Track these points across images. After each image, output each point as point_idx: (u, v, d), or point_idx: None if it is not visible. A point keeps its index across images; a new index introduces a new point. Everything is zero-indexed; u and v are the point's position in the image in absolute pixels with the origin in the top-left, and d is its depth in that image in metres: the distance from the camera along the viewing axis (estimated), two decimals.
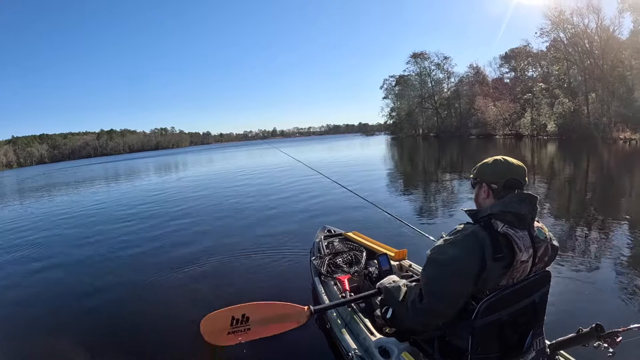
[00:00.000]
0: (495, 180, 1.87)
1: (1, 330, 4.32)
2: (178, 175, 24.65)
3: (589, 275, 4.47)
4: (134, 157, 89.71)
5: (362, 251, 3.84)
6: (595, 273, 4.54)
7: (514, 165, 1.87)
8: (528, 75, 47.71)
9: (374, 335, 2.44)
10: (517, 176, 1.85)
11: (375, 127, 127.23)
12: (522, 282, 1.78)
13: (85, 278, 5.69)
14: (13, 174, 65.39)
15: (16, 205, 17.22)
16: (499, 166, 1.89)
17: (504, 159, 1.90)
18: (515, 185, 1.84)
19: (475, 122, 52.27)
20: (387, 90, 72.51)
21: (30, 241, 8.39)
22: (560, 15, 34.81)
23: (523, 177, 1.86)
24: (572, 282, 4.22)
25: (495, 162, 1.91)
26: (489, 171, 1.91)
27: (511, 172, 1.85)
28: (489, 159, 1.95)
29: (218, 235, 7.46)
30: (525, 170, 1.88)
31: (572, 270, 4.58)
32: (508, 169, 1.86)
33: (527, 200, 1.79)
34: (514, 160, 1.89)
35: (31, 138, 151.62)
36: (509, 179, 1.84)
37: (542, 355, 1.96)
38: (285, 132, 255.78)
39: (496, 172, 1.88)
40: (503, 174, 1.86)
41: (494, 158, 1.93)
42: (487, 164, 1.94)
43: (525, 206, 1.77)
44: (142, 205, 12.50)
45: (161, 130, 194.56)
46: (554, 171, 14.66)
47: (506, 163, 1.88)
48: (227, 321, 2.68)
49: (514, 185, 1.84)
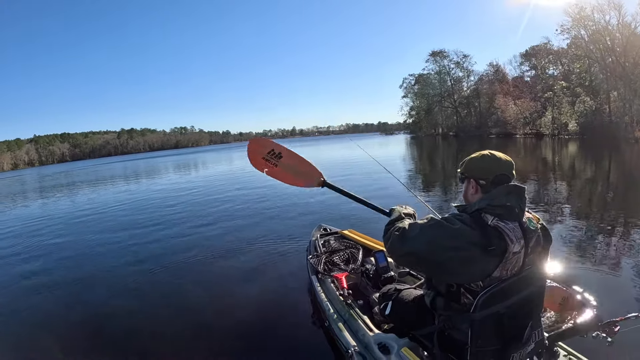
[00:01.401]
0: (483, 176, 1.89)
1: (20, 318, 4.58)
2: (191, 175, 25.29)
3: (589, 267, 4.53)
4: (154, 156, 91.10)
5: (359, 249, 3.90)
6: (596, 265, 4.61)
7: (502, 160, 1.89)
8: (549, 73, 47.18)
9: (372, 331, 2.51)
10: (505, 171, 1.86)
11: (394, 126, 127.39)
12: (519, 274, 1.80)
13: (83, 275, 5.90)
14: (34, 172, 67.64)
15: (30, 202, 18.19)
16: (487, 162, 1.90)
17: (491, 154, 1.91)
18: (503, 181, 1.85)
19: (495, 121, 51.90)
20: (407, 89, 72.91)
21: (29, 244, 8.40)
22: (581, 12, 34.64)
23: (511, 172, 1.88)
24: (571, 273, 4.23)
25: (483, 158, 1.92)
26: (477, 167, 1.92)
27: (499, 168, 1.87)
28: (476, 154, 1.95)
29: (217, 236, 7.49)
30: (513, 165, 1.90)
31: (570, 261, 4.68)
32: (496, 165, 1.88)
33: (514, 192, 1.80)
34: (501, 155, 1.90)
35: (53, 137, 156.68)
36: (497, 174, 1.85)
37: (541, 346, 1.99)
38: (304, 131, 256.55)
39: (484, 168, 1.90)
40: (491, 170, 1.87)
41: (481, 153, 1.94)
42: (474, 159, 1.95)
43: (513, 198, 1.79)
44: (153, 202, 13.12)
45: (181, 129, 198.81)
46: (575, 171, 14.54)
47: (494, 158, 1.89)
48: (266, 149, 3.08)
49: (502, 180, 1.85)
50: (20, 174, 72.57)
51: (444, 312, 1.96)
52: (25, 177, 50.17)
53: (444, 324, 1.97)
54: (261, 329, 3.71)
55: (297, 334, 3.12)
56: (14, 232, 10.15)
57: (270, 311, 4.09)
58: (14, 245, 8.52)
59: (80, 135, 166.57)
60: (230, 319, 4.01)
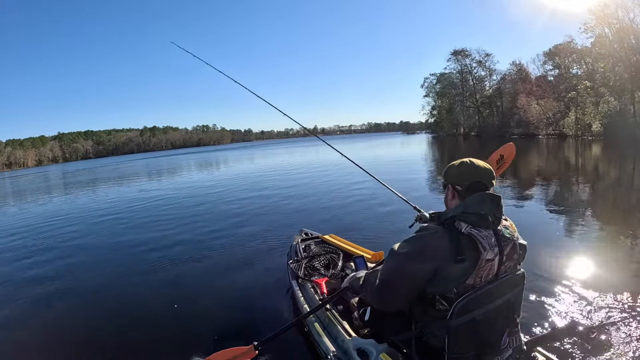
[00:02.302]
0: (459, 182, 1.94)
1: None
2: (200, 176, 25.12)
3: (566, 275, 4.40)
4: (176, 154, 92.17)
5: (339, 254, 3.93)
6: (579, 272, 4.46)
7: (479, 167, 1.93)
8: (572, 72, 46.14)
9: (352, 336, 2.52)
10: (482, 178, 1.90)
11: (416, 126, 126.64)
12: (495, 281, 1.85)
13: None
14: (58, 168, 69.81)
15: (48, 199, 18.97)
16: (464, 169, 1.95)
17: (470, 161, 1.96)
18: (479, 188, 1.89)
19: (518, 121, 51.13)
20: (428, 89, 72.63)
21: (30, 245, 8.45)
22: (605, 10, 34.03)
23: (489, 179, 1.92)
24: (546, 281, 4.17)
25: (461, 165, 1.97)
26: (454, 173, 1.98)
27: (476, 175, 1.91)
28: (456, 161, 2.01)
29: (192, 239, 7.48)
30: (491, 172, 1.94)
31: (547, 269, 4.51)
32: (473, 171, 1.92)
33: (487, 200, 1.83)
34: (480, 163, 1.95)
35: (76, 134, 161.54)
36: (473, 181, 1.90)
37: (519, 352, 2.03)
38: (326, 130, 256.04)
39: (460, 174, 1.95)
40: (467, 176, 1.92)
41: (460, 160, 1.99)
42: (453, 166, 2.01)
43: (487, 206, 1.82)
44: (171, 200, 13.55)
45: (203, 127, 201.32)
46: (598, 174, 14.25)
47: (471, 165, 1.94)
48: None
49: (478, 187, 1.89)
50: (43, 170, 74.95)
51: (421, 318, 2.01)
52: (48, 174, 51.82)
53: (421, 330, 2.01)
54: (239, 333, 3.66)
55: (277, 340, 2.81)
56: (23, 228, 10.58)
57: (249, 315, 4.09)
58: (24, 239, 8.95)
59: (103, 132, 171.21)
60: (208, 321, 4.04)
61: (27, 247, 8.22)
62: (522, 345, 2.05)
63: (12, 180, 45.47)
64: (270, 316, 3.99)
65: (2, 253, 7.88)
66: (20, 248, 8.16)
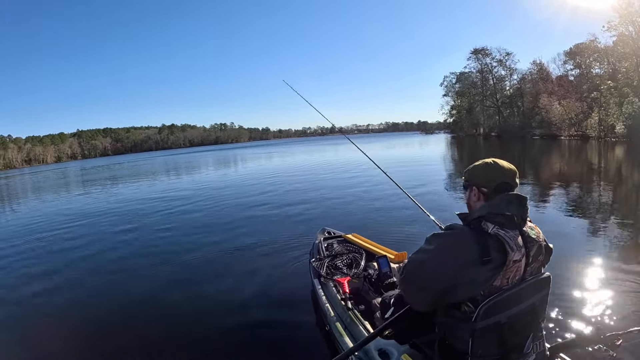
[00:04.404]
0: (486, 183, 1.93)
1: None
2: (210, 175, 25.46)
3: (590, 280, 4.41)
4: (195, 151, 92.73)
5: (362, 253, 3.95)
6: (604, 278, 4.48)
7: (504, 168, 1.93)
8: (594, 72, 45.27)
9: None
10: (508, 179, 1.90)
11: (434, 125, 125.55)
12: (521, 284, 1.83)
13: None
14: (77, 165, 71.48)
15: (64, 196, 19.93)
16: (490, 170, 1.94)
17: (494, 162, 1.95)
18: (506, 189, 1.89)
19: (539, 121, 50.76)
20: (447, 88, 72.89)
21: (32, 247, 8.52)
22: (629, 8, 33.52)
23: (514, 180, 1.92)
24: (571, 286, 4.17)
25: (487, 166, 1.96)
26: (481, 175, 1.97)
27: (502, 176, 1.90)
28: (480, 162, 2.00)
29: (221, 239, 7.59)
30: (516, 173, 1.94)
31: (571, 274, 4.53)
32: (499, 173, 1.91)
33: (515, 202, 1.84)
34: (504, 163, 1.95)
35: (95, 131, 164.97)
36: (500, 182, 1.89)
37: (542, 357, 2.01)
38: (343, 129, 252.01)
39: (487, 176, 1.94)
40: (494, 178, 1.91)
41: (485, 161, 1.99)
42: (478, 167, 2.00)
43: (514, 207, 1.82)
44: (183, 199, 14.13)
45: (221, 125, 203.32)
46: (621, 177, 14.18)
47: (497, 166, 1.93)
48: None
49: (504, 188, 1.89)
50: (62, 166, 76.66)
51: (445, 320, 1.96)
52: (67, 170, 53.28)
53: (444, 332, 1.98)
54: (262, 330, 3.80)
55: (297, 336, 3.12)
56: (26, 226, 11.05)
57: (271, 313, 4.18)
58: (33, 235, 9.48)
59: (122, 130, 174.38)
60: (231, 319, 4.13)
61: (42, 242, 8.66)
62: (545, 351, 2.04)
63: (32, 177, 46.50)
64: (291, 313, 4.12)
65: (18, 246, 8.41)
66: (33, 243, 8.65)
